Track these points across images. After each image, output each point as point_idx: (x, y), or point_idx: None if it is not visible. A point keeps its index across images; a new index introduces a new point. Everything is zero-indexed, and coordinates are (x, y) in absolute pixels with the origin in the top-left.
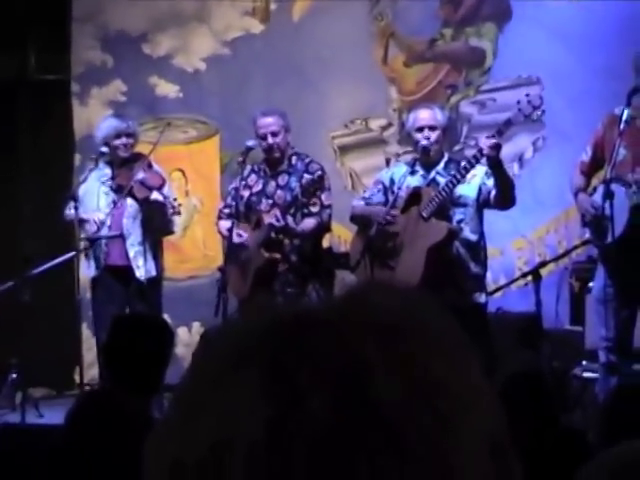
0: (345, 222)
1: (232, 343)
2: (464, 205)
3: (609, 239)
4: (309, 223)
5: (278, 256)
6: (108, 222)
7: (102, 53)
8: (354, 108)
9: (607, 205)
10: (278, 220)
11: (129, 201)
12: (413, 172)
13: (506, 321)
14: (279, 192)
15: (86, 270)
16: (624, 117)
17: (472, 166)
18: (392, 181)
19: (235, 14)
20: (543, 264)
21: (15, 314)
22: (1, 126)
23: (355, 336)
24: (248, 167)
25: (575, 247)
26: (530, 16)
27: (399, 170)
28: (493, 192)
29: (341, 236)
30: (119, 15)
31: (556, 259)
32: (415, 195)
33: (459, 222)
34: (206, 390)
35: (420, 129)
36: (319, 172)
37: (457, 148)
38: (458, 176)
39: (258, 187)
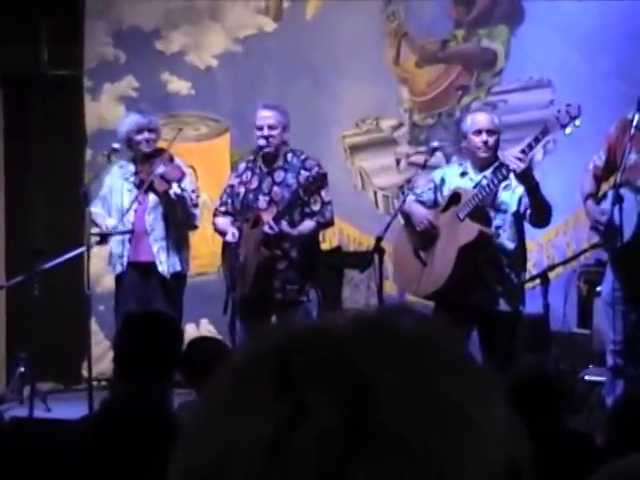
0: (354, 221)
1: (248, 354)
2: (504, 212)
3: (618, 243)
4: (307, 226)
5: (278, 253)
6: (131, 218)
7: (115, 49)
8: (365, 108)
9: (616, 209)
10: (272, 228)
11: (151, 196)
12: (464, 174)
13: None
14: (276, 189)
15: (101, 266)
16: (635, 122)
17: (507, 175)
18: (443, 181)
19: (248, 12)
20: (552, 267)
21: (24, 308)
22: (13, 120)
23: (364, 354)
24: (242, 164)
25: (584, 251)
26: (542, 19)
27: (451, 170)
28: (529, 210)
29: (350, 235)
30: (132, 11)
31: (565, 262)
32: (456, 196)
33: (497, 228)
34: (219, 398)
35: (478, 132)
36: (317, 168)
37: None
38: (495, 181)
39: (254, 184)
